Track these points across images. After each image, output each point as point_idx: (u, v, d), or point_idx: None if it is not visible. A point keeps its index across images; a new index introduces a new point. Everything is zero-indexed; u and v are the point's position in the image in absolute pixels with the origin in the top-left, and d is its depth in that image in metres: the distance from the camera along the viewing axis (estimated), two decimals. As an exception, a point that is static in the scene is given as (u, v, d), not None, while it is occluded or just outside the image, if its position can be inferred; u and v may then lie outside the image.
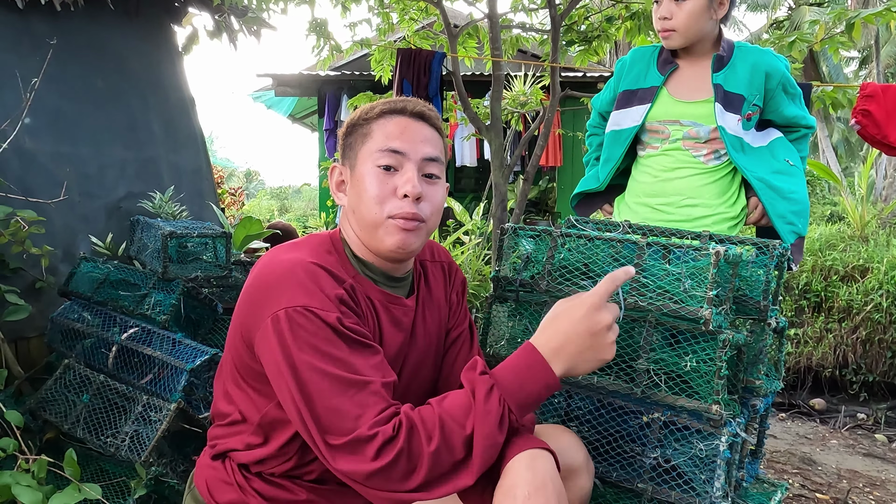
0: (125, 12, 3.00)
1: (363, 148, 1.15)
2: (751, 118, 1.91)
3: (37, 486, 1.47)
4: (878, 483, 3.20)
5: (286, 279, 1.05)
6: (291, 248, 1.14)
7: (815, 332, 7.35)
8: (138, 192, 2.90)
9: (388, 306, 1.18)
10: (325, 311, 1.02)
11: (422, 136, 1.16)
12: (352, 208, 1.17)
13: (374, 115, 1.17)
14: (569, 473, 1.14)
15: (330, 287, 1.06)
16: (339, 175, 1.22)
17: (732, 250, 1.24)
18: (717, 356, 1.18)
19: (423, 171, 1.15)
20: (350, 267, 1.17)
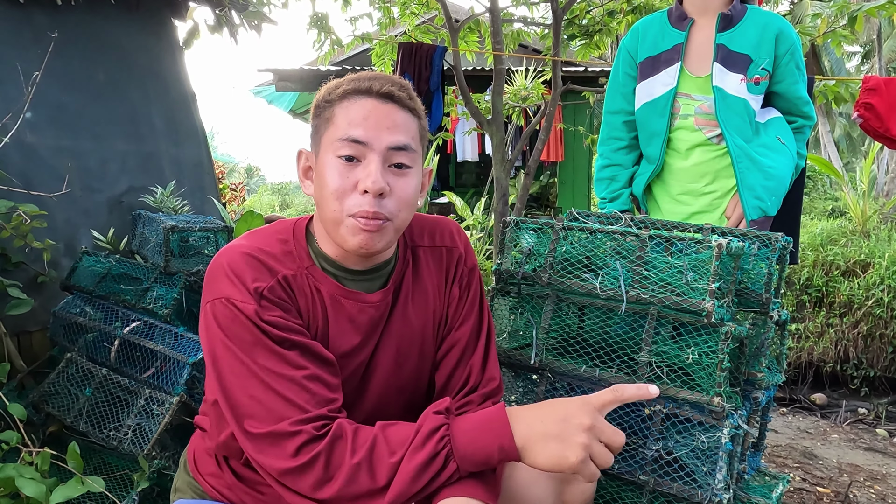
0: (126, 6, 2.99)
1: (326, 134, 1.04)
2: (759, 83, 1.82)
3: (40, 478, 1.48)
4: (879, 477, 3.21)
5: (215, 271, 1.02)
6: (248, 236, 1.10)
7: (817, 326, 7.35)
8: (140, 187, 2.90)
9: (342, 301, 1.08)
10: (244, 302, 0.98)
11: (389, 122, 1.02)
12: (316, 199, 1.07)
13: (337, 96, 1.04)
14: (571, 476, 1.09)
15: (252, 279, 1.00)
16: (306, 160, 1.11)
17: (735, 243, 1.24)
18: (720, 349, 1.18)
19: (389, 161, 1.02)
20: (306, 257, 1.09)
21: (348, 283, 1.10)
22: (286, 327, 0.99)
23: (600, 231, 1.35)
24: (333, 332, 1.08)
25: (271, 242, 1.07)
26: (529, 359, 1.38)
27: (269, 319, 0.98)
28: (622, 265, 1.30)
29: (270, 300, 1.00)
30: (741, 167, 1.82)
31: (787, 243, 1.36)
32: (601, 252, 1.35)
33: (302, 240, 1.10)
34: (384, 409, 1.14)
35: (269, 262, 1.04)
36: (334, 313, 1.08)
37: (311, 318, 1.06)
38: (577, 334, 1.38)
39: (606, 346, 1.32)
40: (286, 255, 1.07)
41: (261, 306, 0.98)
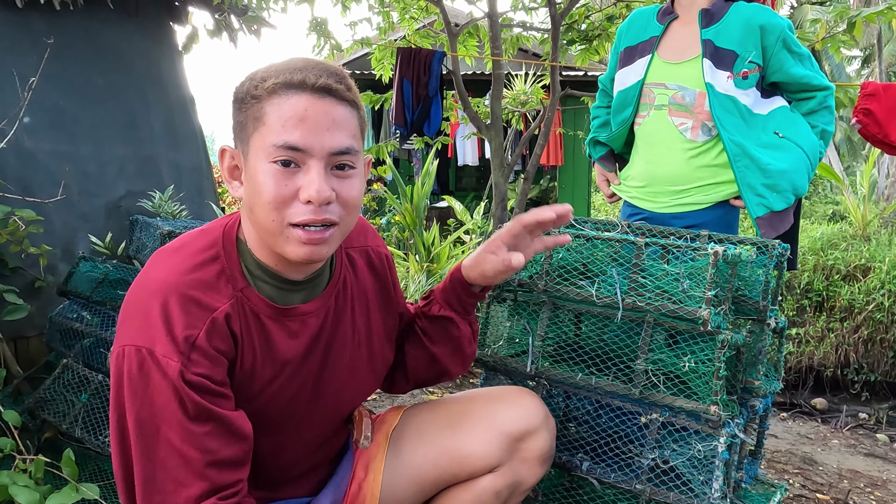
0: (125, 10, 3.00)
1: (255, 135, 0.91)
2: (747, 76, 1.80)
3: (34, 485, 1.47)
4: (880, 483, 3.19)
5: (138, 307, 0.91)
6: (171, 255, 0.97)
7: (817, 331, 7.34)
8: (138, 191, 2.90)
9: (281, 320, 1.01)
10: (168, 358, 0.87)
11: (329, 121, 0.91)
12: (248, 206, 0.95)
13: (266, 90, 0.90)
14: (527, 434, 1.16)
15: (183, 325, 0.89)
16: (232, 159, 0.98)
17: (731, 250, 1.23)
18: (716, 357, 1.17)
19: (331, 164, 0.92)
20: (240, 276, 0.98)
21: (287, 294, 1.02)
22: (208, 390, 0.89)
23: (596, 238, 1.34)
24: (273, 357, 1.00)
25: (203, 263, 0.96)
26: (525, 366, 1.37)
27: (193, 381, 0.87)
28: (618, 272, 1.29)
29: (202, 350, 0.90)
30: (739, 166, 1.81)
31: (784, 250, 1.36)
32: (597, 259, 1.34)
33: (234, 253, 0.99)
34: (340, 410, 1.15)
35: (203, 298, 0.93)
36: (277, 333, 1.00)
37: (248, 344, 0.98)
38: (573, 342, 1.38)
39: (602, 353, 1.31)
40: (219, 278, 0.96)
41: (189, 360, 0.88)
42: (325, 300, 1.06)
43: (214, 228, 1.01)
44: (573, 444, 1.35)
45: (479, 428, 1.18)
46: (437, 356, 1.24)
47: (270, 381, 1.01)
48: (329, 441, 1.17)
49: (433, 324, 1.23)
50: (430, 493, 1.21)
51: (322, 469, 1.20)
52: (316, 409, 1.09)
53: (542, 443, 1.18)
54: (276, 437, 1.06)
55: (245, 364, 0.98)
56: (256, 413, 1.00)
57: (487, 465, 1.16)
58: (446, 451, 1.18)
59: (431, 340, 1.23)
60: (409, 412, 1.28)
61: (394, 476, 1.19)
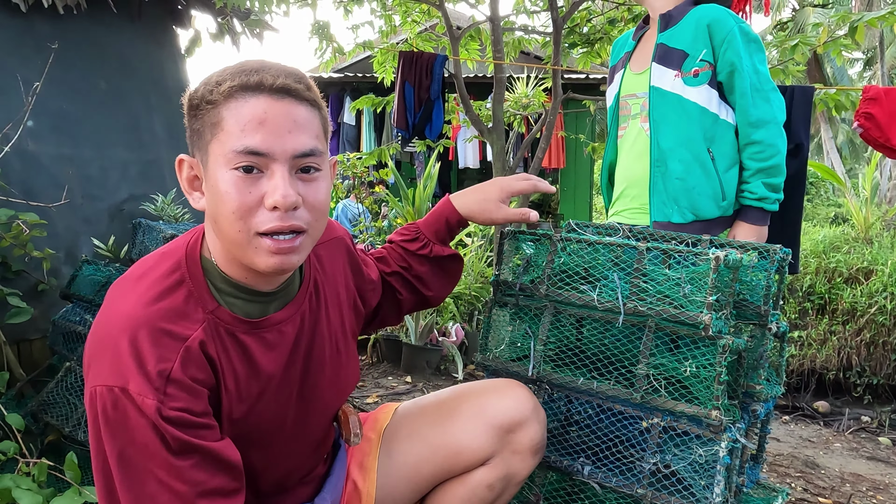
0: (128, 15, 3.01)
1: (214, 142, 0.87)
2: (698, 74, 1.78)
3: (37, 489, 1.47)
4: (882, 487, 3.19)
5: (107, 345, 0.86)
6: (134, 284, 0.92)
7: (819, 334, 7.33)
8: (141, 195, 2.91)
9: (257, 334, 0.97)
10: (143, 396, 0.82)
11: (290, 123, 0.87)
12: (211, 217, 0.91)
13: (222, 94, 0.86)
14: (518, 425, 1.17)
15: (156, 359, 0.84)
16: (191, 169, 0.93)
17: (733, 255, 1.24)
18: (717, 361, 1.17)
19: (296, 167, 0.88)
20: (209, 298, 0.93)
21: (260, 307, 0.98)
22: (189, 423, 0.85)
23: (598, 243, 1.35)
24: (257, 373, 0.97)
25: (169, 289, 0.91)
26: (527, 370, 1.37)
27: (172, 416, 0.83)
28: (619, 277, 1.29)
29: (178, 383, 0.85)
30: (654, 171, 1.84)
31: (785, 255, 1.36)
32: (599, 264, 1.35)
33: (199, 274, 0.94)
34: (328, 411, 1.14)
35: (174, 327, 0.88)
36: (256, 348, 0.97)
37: (228, 367, 0.94)
38: (575, 346, 1.38)
39: (604, 357, 1.32)
40: (188, 302, 0.91)
41: (166, 395, 0.84)
42: (297, 305, 1.03)
43: (177, 249, 0.97)
44: (574, 448, 1.35)
45: (470, 421, 1.18)
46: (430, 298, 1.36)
47: (258, 397, 0.98)
48: (322, 443, 1.16)
49: (431, 264, 1.33)
50: (426, 488, 1.22)
51: (319, 469, 1.20)
52: (305, 415, 1.08)
53: (533, 433, 1.19)
54: (271, 450, 1.04)
55: (229, 386, 0.94)
56: (250, 430, 0.99)
57: (480, 458, 1.17)
58: (439, 445, 1.19)
59: (426, 285, 1.34)
60: (400, 409, 1.29)
61: (388, 474, 1.20)
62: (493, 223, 1.34)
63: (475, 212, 1.32)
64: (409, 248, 1.33)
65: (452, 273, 1.38)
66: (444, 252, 1.33)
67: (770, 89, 1.76)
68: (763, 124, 1.75)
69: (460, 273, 1.40)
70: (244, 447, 0.98)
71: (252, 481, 1.03)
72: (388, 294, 1.33)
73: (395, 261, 1.33)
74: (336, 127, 7.80)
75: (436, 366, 3.76)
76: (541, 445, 1.22)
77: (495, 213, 1.31)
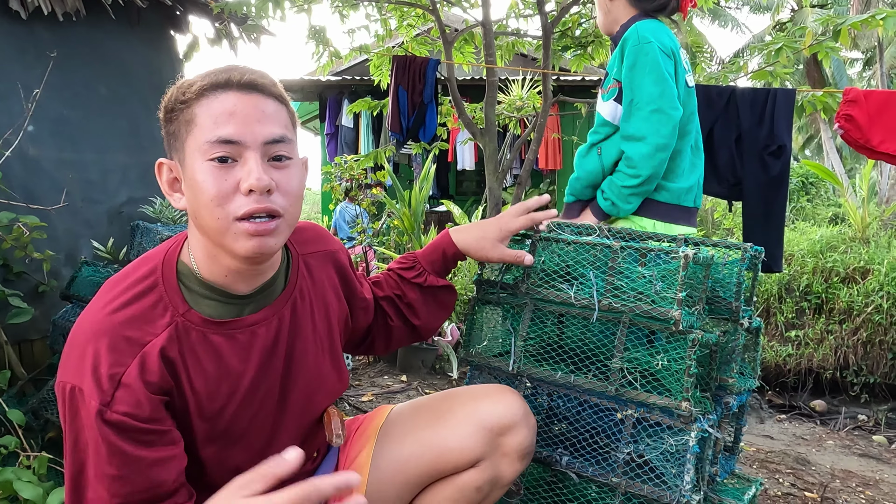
0: (126, 20, 3.07)
1: (189, 138, 0.93)
2: (610, 90, 1.84)
3: (37, 482, 1.52)
4: (872, 483, 3.23)
5: (71, 347, 0.94)
6: (111, 287, 0.99)
7: (816, 333, 7.37)
8: (140, 197, 2.96)
9: (228, 334, 1.01)
10: (89, 396, 0.89)
11: (258, 114, 0.93)
12: (192, 213, 0.96)
13: (194, 94, 0.93)
14: (507, 429, 1.21)
15: (108, 365, 0.90)
16: (170, 171, 1.00)
17: (704, 253, 1.29)
18: (687, 355, 1.22)
19: (267, 155, 0.94)
20: (180, 301, 0.98)
21: (234, 309, 1.02)
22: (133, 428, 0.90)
23: (575, 242, 1.40)
24: (228, 372, 1.01)
25: (139, 294, 0.97)
26: (508, 366, 1.42)
27: (113, 420, 0.89)
28: (595, 275, 1.34)
29: (128, 388, 0.90)
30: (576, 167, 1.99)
31: (757, 252, 1.41)
32: (576, 263, 1.40)
33: (172, 278, 0.99)
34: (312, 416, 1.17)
35: (134, 334, 0.93)
36: (229, 350, 1.01)
37: (195, 368, 0.98)
38: (554, 342, 1.43)
39: (581, 353, 1.37)
40: (155, 308, 0.96)
41: (112, 399, 0.89)
42: (276, 308, 1.07)
43: (156, 254, 1.03)
44: (554, 440, 1.40)
45: (461, 423, 1.22)
46: (418, 328, 1.40)
47: (230, 396, 1.02)
48: (306, 445, 1.16)
49: (424, 293, 1.37)
50: (416, 488, 1.25)
51: (307, 467, 1.23)
52: (286, 419, 1.11)
53: (522, 438, 1.23)
54: (253, 449, 1.08)
55: (197, 388, 0.99)
56: (228, 428, 1.03)
57: (470, 459, 1.21)
58: (430, 446, 1.22)
59: (416, 314, 1.37)
60: (395, 410, 1.33)
61: (380, 472, 1.23)
62: (488, 261, 1.40)
63: (472, 248, 1.37)
64: (404, 276, 1.38)
65: (444, 304, 1.42)
66: (437, 282, 1.38)
67: (651, 110, 1.73)
68: (632, 140, 1.77)
69: (453, 305, 1.44)
70: (225, 445, 1.03)
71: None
72: (380, 318, 1.37)
73: (389, 287, 1.37)
74: (334, 130, 7.86)
75: (431, 365, 3.81)
76: (529, 450, 1.26)
77: (491, 252, 1.36)
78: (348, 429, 1.32)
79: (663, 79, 1.72)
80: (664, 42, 1.76)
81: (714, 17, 16.33)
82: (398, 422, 1.29)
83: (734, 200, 2.56)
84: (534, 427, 1.28)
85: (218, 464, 1.06)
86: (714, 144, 2.52)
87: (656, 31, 1.78)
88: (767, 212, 2.39)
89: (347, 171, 4.84)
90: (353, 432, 1.31)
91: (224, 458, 1.05)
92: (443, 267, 1.39)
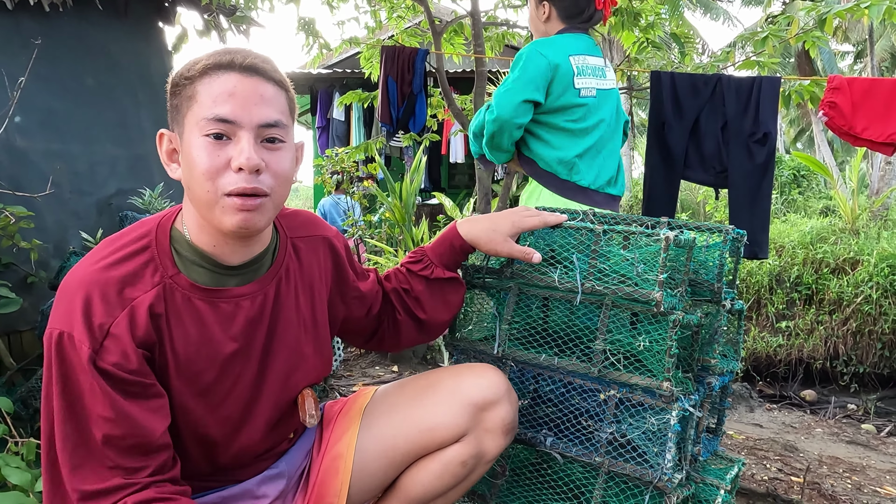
0: (114, 12, 3.06)
1: (189, 113, 0.97)
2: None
3: (26, 467, 1.53)
4: (858, 469, 3.26)
5: (62, 296, 0.97)
6: (107, 245, 1.03)
7: (807, 324, 7.42)
8: (128, 189, 2.96)
9: (213, 302, 1.04)
10: (80, 342, 0.93)
11: (257, 96, 0.97)
12: (186, 183, 1.01)
13: (198, 71, 0.97)
14: (490, 404, 1.24)
15: (101, 314, 0.95)
16: (170, 143, 1.04)
17: (685, 235, 1.30)
18: (668, 336, 1.24)
19: (260, 137, 0.98)
20: (170, 264, 1.02)
21: (222, 278, 1.06)
22: (119, 378, 0.95)
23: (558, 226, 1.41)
24: (209, 339, 1.04)
25: (131, 254, 1.01)
26: (493, 349, 1.44)
27: (103, 368, 0.94)
28: (578, 259, 1.36)
29: (116, 338, 0.95)
30: None
31: (739, 235, 1.42)
32: (560, 246, 1.41)
33: (165, 242, 1.04)
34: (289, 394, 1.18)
35: (124, 289, 0.98)
36: (211, 318, 1.04)
37: (178, 329, 1.02)
38: (539, 325, 1.44)
39: (565, 335, 1.38)
40: (146, 267, 1.01)
41: (102, 347, 0.94)
42: (262, 284, 1.10)
43: (152, 220, 1.07)
44: (539, 421, 1.42)
45: (445, 399, 1.24)
46: (424, 322, 1.38)
47: (208, 362, 1.05)
48: (282, 422, 1.20)
49: (430, 285, 1.37)
50: (402, 465, 1.26)
51: (283, 446, 1.25)
52: (263, 394, 1.13)
53: (505, 413, 1.25)
54: (229, 420, 1.10)
55: (178, 349, 1.02)
56: (202, 394, 1.05)
57: (454, 435, 1.23)
58: (415, 422, 1.24)
59: (422, 307, 1.37)
60: (380, 390, 1.35)
61: (366, 450, 1.24)
62: (496, 255, 1.39)
63: (481, 240, 1.36)
64: (412, 269, 1.38)
65: (451, 298, 1.40)
66: (444, 275, 1.38)
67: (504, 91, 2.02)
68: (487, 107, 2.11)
69: (460, 300, 1.42)
70: (202, 409, 1.05)
71: (210, 452, 1.10)
72: (388, 312, 1.38)
73: (398, 280, 1.38)
74: (325, 123, 7.84)
75: (422, 355, 3.83)
76: (512, 426, 1.28)
77: (501, 246, 1.36)
78: (331, 410, 1.34)
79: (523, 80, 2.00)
80: (550, 57, 2.00)
81: (706, 10, 16.34)
82: (382, 401, 1.31)
83: (720, 188, 2.58)
84: (516, 403, 1.30)
85: (191, 433, 1.07)
86: (700, 132, 2.53)
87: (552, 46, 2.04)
88: (753, 199, 2.41)
89: (339, 163, 4.84)
90: (336, 413, 1.32)
91: (198, 426, 1.07)
92: (451, 259, 1.39)
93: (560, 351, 1.38)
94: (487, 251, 1.38)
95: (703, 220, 10.59)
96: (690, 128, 2.52)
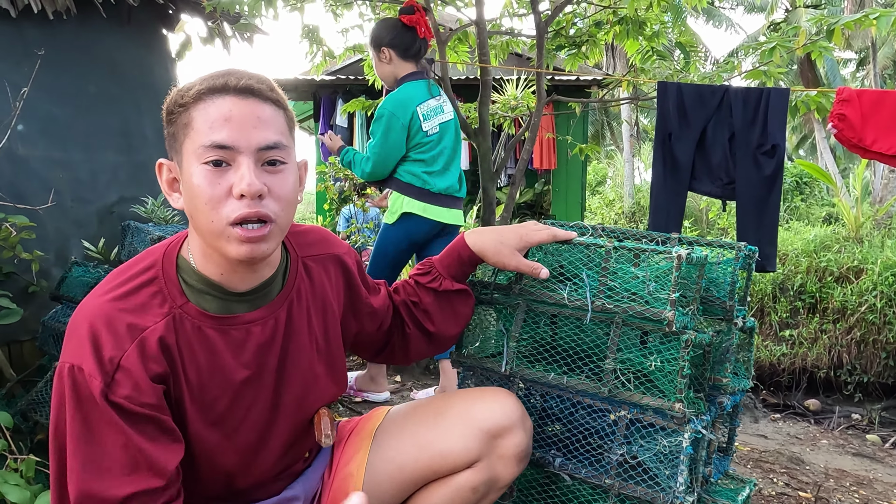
0: (117, 19, 3.04)
1: (186, 141, 0.95)
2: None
3: (25, 484, 1.51)
4: (866, 482, 3.23)
5: (72, 331, 0.97)
6: (114, 277, 1.02)
7: (810, 333, 7.39)
8: (130, 197, 2.94)
9: (224, 330, 1.03)
10: (91, 376, 0.91)
11: (254, 119, 0.94)
12: (189, 213, 0.98)
13: (192, 97, 0.94)
14: (504, 431, 1.21)
15: (110, 347, 0.93)
16: (169, 172, 1.01)
17: (697, 253, 1.28)
18: (680, 356, 1.21)
19: (261, 160, 0.95)
20: (178, 294, 1.00)
21: (231, 305, 1.04)
22: (130, 411, 0.93)
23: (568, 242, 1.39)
24: (221, 367, 1.03)
25: (139, 286, 1.00)
26: (501, 367, 1.41)
27: (115, 402, 0.92)
28: (588, 276, 1.33)
29: (127, 371, 0.93)
30: None
31: (751, 252, 1.40)
32: (571, 263, 1.38)
33: (172, 272, 1.02)
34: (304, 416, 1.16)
35: (134, 320, 0.96)
36: (222, 345, 1.02)
37: (189, 359, 1.00)
38: (548, 343, 1.42)
39: (574, 354, 1.36)
40: (154, 298, 0.99)
41: (113, 380, 0.92)
42: (272, 309, 1.08)
43: (157, 249, 1.06)
44: (547, 441, 1.39)
45: (457, 424, 1.21)
46: (433, 335, 1.36)
47: (222, 391, 1.03)
48: (298, 443, 1.19)
49: (439, 298, 1.34)
50: (412, 488, 1.24)
51: (298, 466, 1.23)
52: (279, 419, 1.11)
53: (519, 440, 1.22)
54: (244, 452, 1.08)
55: (190, 378, 1.01)
56: (218, 422, 1.04)
57: (466, 461, 1.20)
58: (426, 446, 1.22)
59: (431, 319, 1.34)
60: (392, 412, 1.33)
61: (376, 471, 1.22)
62: (504, 268, 1.36)
63: (489, 252, 1.33)
64: (420, 281, 1.36)
65: (460, 310, 1.38)
66: (453, 286, 1.36)
67: (361, 159, 2.74)
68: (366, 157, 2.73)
69: (470, 312, 1.40)
70: (217, 438, 1.03)
71: (227, 478, 1.08)
72: (398, 325, 1.36)
73: (406, 293, 1.36)
74: (328, 129, 7.83)
75: (425, 366, 3.80)
76: (526, 453, 1.25)
77: (508, 259, 1.33)
78: (344, 430, 1.32)
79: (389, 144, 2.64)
80: (404, 120, 2.60)
81: (708, 17, 16.37)
82: (395, 423, 1.29)
83: (728, 200, 2.56)
84: (530, 430, 1.27)
85: (208, 461, 1.05)
86: (707, 144, 2.52)
87: (403, 106, 2.61)
88: (761, 211, 2.38)
89: (341, 170, 4.82)
90: (349, 433, 1.30)
91: (215, 455, 1.05)
92: (459, 270, 1.37)
93: (569, 369, 1.36)
94: (495, 263, 1.36)
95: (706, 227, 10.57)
96: (697, 139, 2.50)
